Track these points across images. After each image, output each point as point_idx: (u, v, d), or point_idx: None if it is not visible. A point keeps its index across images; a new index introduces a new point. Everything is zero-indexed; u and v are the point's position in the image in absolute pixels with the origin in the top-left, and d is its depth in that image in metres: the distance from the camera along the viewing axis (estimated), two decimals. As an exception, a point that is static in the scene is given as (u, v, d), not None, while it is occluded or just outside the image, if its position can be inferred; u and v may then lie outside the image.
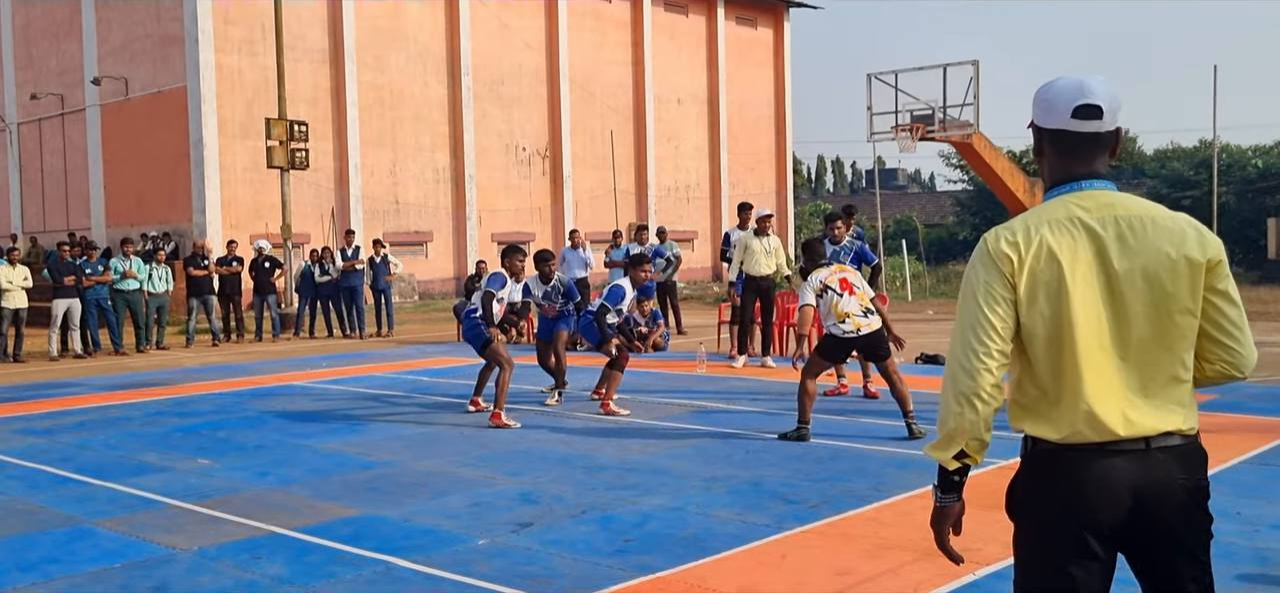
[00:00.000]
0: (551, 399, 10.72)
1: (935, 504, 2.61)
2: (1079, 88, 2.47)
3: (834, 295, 8.36)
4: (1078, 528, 2.38)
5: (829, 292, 8.40)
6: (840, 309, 8.31)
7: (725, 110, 38.79)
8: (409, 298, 29.11)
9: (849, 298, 8.33)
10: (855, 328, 8.27)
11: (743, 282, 13.52)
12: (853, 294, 8.36)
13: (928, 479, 6.90)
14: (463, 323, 10.15)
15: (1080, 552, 2.39)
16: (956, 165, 45.93)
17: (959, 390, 2.44)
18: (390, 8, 30.24)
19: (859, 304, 8.34)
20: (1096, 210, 2.43)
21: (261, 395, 11.85)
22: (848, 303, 8.30)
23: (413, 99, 30.82)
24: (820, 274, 8.54)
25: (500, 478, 7.30)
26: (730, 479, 7.08)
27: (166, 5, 27.27)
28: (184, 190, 27.09)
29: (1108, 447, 2.37)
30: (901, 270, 29.35)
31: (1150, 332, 2.39)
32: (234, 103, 27.17)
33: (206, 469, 7.80)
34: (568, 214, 33.68)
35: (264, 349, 17.94)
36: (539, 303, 10.93)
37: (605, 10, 35.58)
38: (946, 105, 19.43)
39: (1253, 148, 46.33)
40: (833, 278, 8.46)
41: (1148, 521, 2.37)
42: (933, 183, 79.97)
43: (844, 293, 8.35)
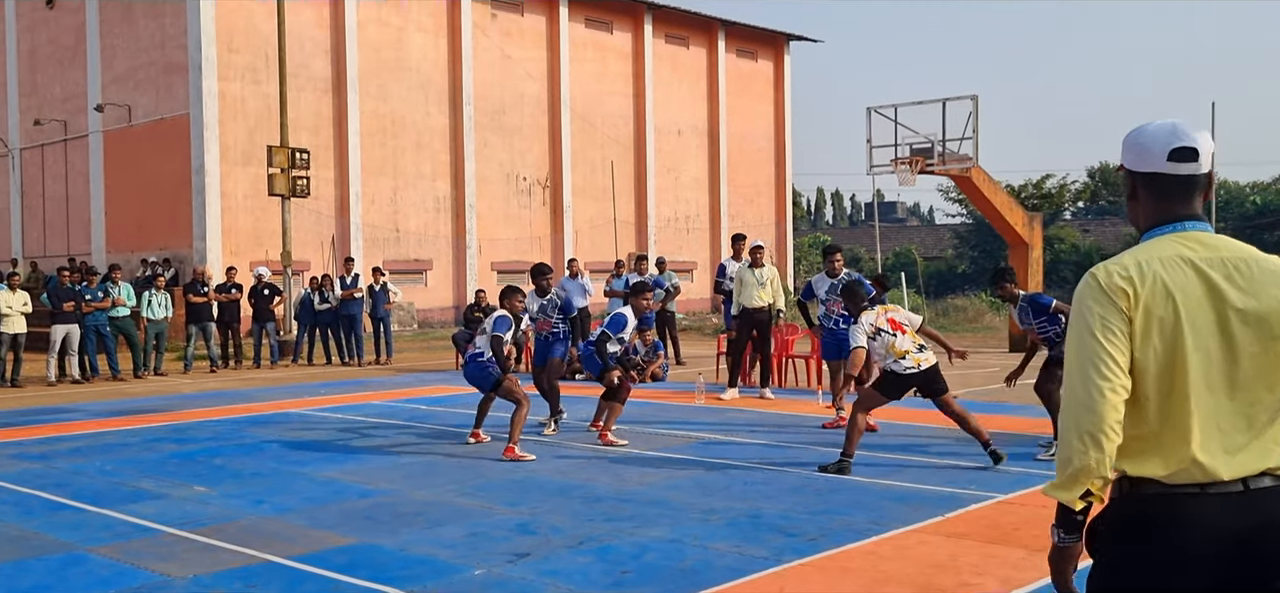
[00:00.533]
0: (549, 429, 10.68)
1: (1056, 545, 2.53)
2: (1173, 131, 2.49)
3: (887, 336, 8.46)
4: (1178, 573, 2.34)
5: (881, 334, 8.48)
6: (897, 348, 8.43)
7: (725, 142, 38.92)
8: (408, 326, 29.10)
9: (902, 337, 8.46)
10: (915, 364, 8.40)
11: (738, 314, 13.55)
12: (904, 332, 8.49)
13: (926, 513, 6.89)
14: (466, 365, 9.99)
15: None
16: (955, 199, 46.07)
17: (1083, 429, 2.37)
18: (393, 38, 30.39)
19: (913, 341, 8.48)
20: (1203, 251, 2.44)
21: (259, 423, 11.82)
22: (903, 341, 8.44)
23: (414, 128, 30.93)
24: (869, 316, 8.62)
25: (497, 508, 7.27)
26: (728, 511, 7.05)
27: (171, 34, 27.41)
28: (185, 217, 27.14)
29: (1208, 489, 2.35)
30: (901, 304, 29.35)
31: (1255, 372, 2.39)
32: (236, 130, 27.26)
33: (202, 497, 7.77)
34: (568, 243, 33.72)
35: (262, 376, 17.91)
36: (534, 318, 10.95)
37: (607, 41, 35.77)
38: (945, 139, 19.47)
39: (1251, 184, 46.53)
40: (882, 319, 8.57)
41: (1253, 563, 2.34)
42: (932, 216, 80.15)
43: (896, 333, 8.47)
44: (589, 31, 35.18)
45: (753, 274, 13.42)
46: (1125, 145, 2.56)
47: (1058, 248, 41.16)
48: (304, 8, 28.18)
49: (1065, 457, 2.41)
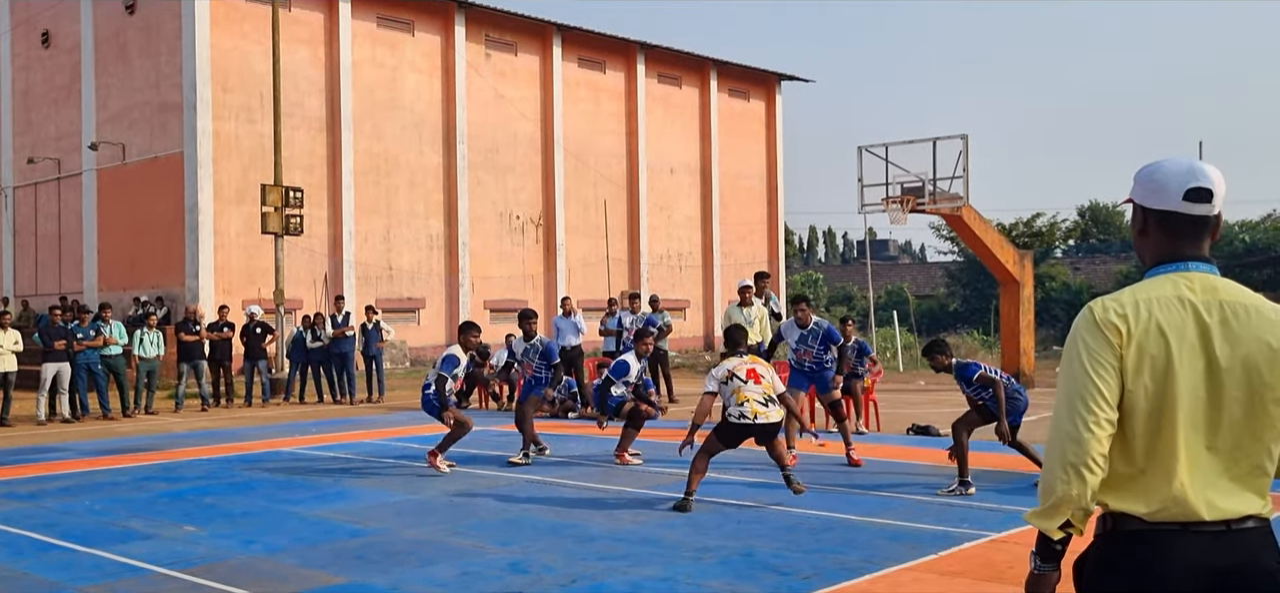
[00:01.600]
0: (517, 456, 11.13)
1: (1033, 572, 2.55)
2: (1190, 171, 2.49)
3: (738, 382, 8.46)
4: None
5: (733, 379, 8.49)
6: (742, 394, 8.43)
7: (718, 180, 39.08)
8: (401, 364, 29.04)
9: (753, 386, 8.46)
10: (753, 414, 8.37)
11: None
12: (759, 383, 8.50)
13: (920, 552, 6.88)
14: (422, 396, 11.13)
15: None
16: (947, 237, 46.21)
17: (1066, 460, 2.39)
18: (388, 77, 30.55)
19: (762, 393, 8.45)
20: (1202, 292, 2.44)
21: (250, 461, 11.77)
22: (750, 390, 8.45)
23: (408, 167, 31.02)
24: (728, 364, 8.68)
25: (490, 547, 7.24)
26: (721, 549, 7.03)
27: (166, 73, 27.52)
28: (178, 255, 27.13)
29: (1190, 528, 2.36)
30: (893, 341, 29.40)
31: (1243, 419, 2.39)
32: (230, 169, 27.32)
33: (192, 536, 7.73)
34: (560, 282, 33.75)
35: (253, 415, 17.85)
36: (519, 360, 11.45)
37: (600, 81, 35.98)
38: (936, 178, 19.59)
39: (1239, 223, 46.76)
40: (741, 368, 8.57)
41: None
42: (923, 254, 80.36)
43: (748, 381, 8.48)
44: (582, 71, 35.39)
45: (741, 313, 13.52)
46: (1138, 181, 2.55)
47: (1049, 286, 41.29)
48: (299, 47, 28.33)
49: (1048, 486, 2.43)
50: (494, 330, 27.48)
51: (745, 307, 13.56)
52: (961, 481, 9.02)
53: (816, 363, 11.34)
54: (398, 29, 30.95)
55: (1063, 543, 2.48)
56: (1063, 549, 2.50)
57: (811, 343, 11.32)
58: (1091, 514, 2.45)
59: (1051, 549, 2.50)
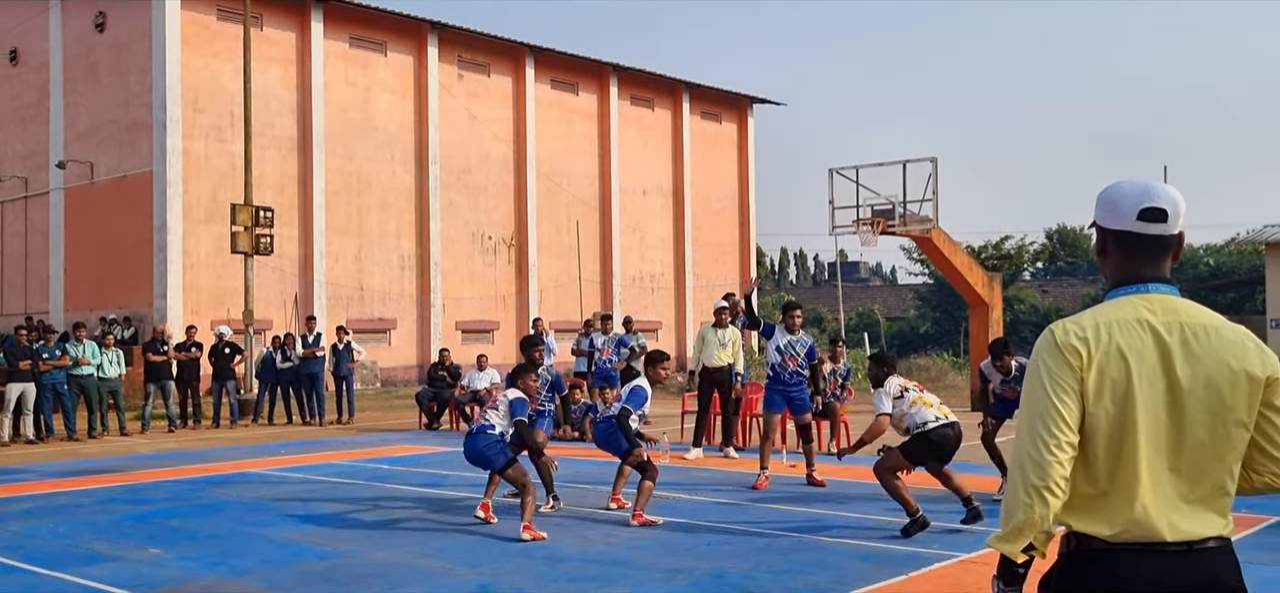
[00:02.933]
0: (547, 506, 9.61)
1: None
2: (1145, 191, 2.51)
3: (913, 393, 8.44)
4: None
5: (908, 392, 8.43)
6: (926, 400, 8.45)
7: (690, 202, 39.19)
8: (371, 385, 28.86)
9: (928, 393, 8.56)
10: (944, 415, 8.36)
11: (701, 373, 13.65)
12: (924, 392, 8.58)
13: (891, 573, 6.90)
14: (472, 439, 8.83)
15: None
16: (917, 259, 46.57)
17: (1028, 483, 2.40)
18: (360, 97, 30.48)
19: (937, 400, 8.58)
20: (1162, 314, 2.45)
21: (217, 483, 11.66)
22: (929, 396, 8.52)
23: (380, 187, 30.92)
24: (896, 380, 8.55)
25: (459, 569, 7.19)
26: (692, 571, 7.02)
27: (135, 92, 27.32)
28: (145, 274, 26.88)
29: (1153, 548, 2.37)
30: (863, 363, 29.53)
31: (1205, 440, 2.40)
32: (200, 188, 27.12)
33: (157, 559, 7.64)
34: (532, 303, 33.70)
35: (221, 436, 17.68)
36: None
37: (573, 102, 36.05)
38: (907, 200, 19.75)
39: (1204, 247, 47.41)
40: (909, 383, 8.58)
41: None
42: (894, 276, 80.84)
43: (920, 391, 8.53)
44: (555, 93, 35.45)
45: (714, 334, 13.56)
46: (1098, 202, 2.58)
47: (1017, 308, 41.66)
48: (270, 67, 28.22)
49: (1010, 509, 2.44)
50: (465, 351, 27.38)
51: (720, 328, 13.60)
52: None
53: (798, 372, 11.29)
54: (370, 49, 30.90)
55: (1025, 566, 2.50)
56: (1025, 572, 2.51)
57: (798, 350, 11.28)
58: (1054, 537, 2.46)
59: (1014, 573, 2.52)
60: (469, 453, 8.70)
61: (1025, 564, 2.50)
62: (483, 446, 8.62)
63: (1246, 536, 7.84)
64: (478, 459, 8.67)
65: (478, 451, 8.63)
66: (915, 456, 8.35)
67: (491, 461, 8.57)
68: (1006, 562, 2.51)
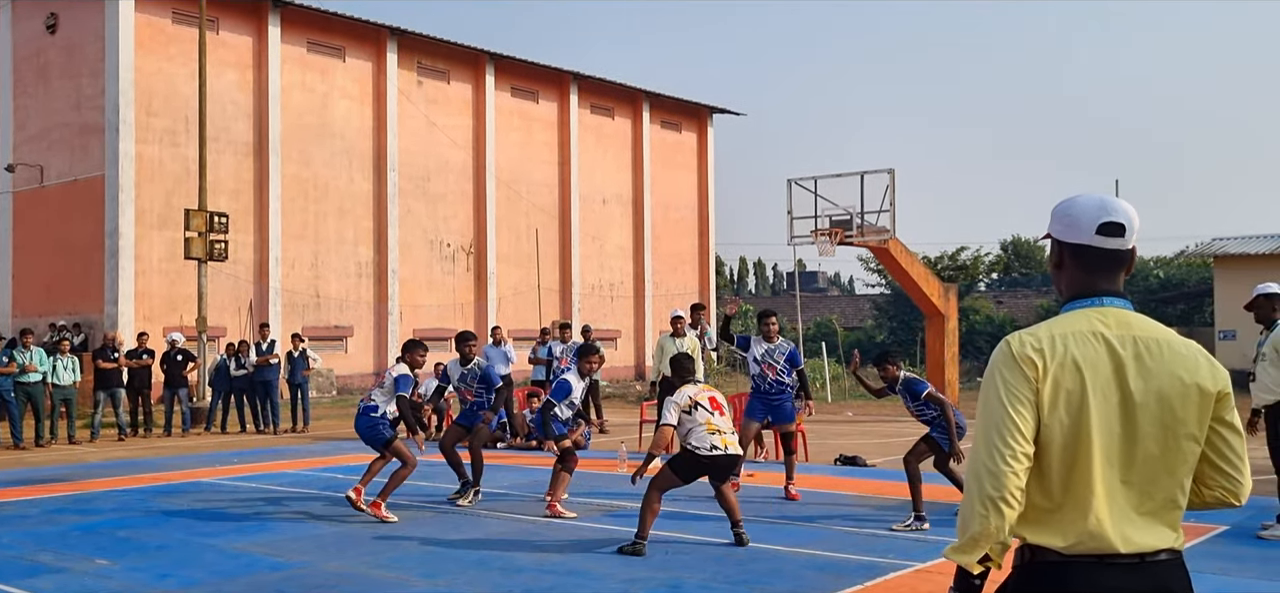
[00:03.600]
0: (464, 500, 10.46)
1: None
2: (1102, 206, 2.53)
3: (704, 411, 8.02)
4: None
5: (698, 408, 8.03)
6: (712, 424, 7.98)
7: (649, 211, 39.25)
8: (327, 393, 28.58)
9: (719, 416, 8.03)
10: (724, 445, 7.95)
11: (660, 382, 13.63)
12: (723, 414, 8.09)
13: (846, 582, 6.92)
14: (359, 418, 9.83)
15: None
16: (874, 270, 46.90)
17: (985, 494, 2.40)
18: (318, 103, 30.21)
19: (729, 424, 8.12)
20: (1116, 327, 2.47)
21: (167, 493, 11.47)
22: (719, 421, 8.00)
23: (337, 193, 30.66)
24: (689, 390, 8.18)
25: (414, 579, 7.12)
26: (649, 581, 7.00)
27: (88, 95, 26.89)
28: (97, 280, 26.44)
29: (1106, 560, 2.39)
30: (821, 372, 29.70)
31: (1157, 453, 2.42)
32: (153, 193, 26.74)
33: (104, 570, 7.49)
34: (491, 310, 33.55)
35: (173, 444, 17.41)
36: (455, 386, 10.79)
37: (532, 110, 35.99)
38: (864, 211, 19.90)
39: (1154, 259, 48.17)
40: (702, 395, 8.13)
41: None
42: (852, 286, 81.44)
43: (713, 410, 8.05)
44: (515, 100, 35.37)
45: (672, 343, 13.60)
46: (1054, 215, 2.60)
47: (972, 319, 42.07)
48: (226, 71, 27.90)
49: (966, 520, 2.44)
50: (423, 359, 27.18)
51: (678, 336, 13.65)
52: (916, 515, 8.79)
53: (778, 382, 11.12)
54: (328, 54, 30.65)
55: (981, 577, 2.51)
56: (981, 583, 2.52)
57: (777, 358, 11.12)
58: (1009, 548, 2.48)
59: (970, 583, 2.52)
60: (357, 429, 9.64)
61: (981, 575, 2.50)
62: (364, 425, 9.50)
63: (1195, 545, 7.95)
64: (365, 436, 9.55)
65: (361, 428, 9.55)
66: (686, 473, 8.12)
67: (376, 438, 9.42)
68: (962, 573, 2.51)
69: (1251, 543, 8.27)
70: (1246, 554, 7.85)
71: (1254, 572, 7.28)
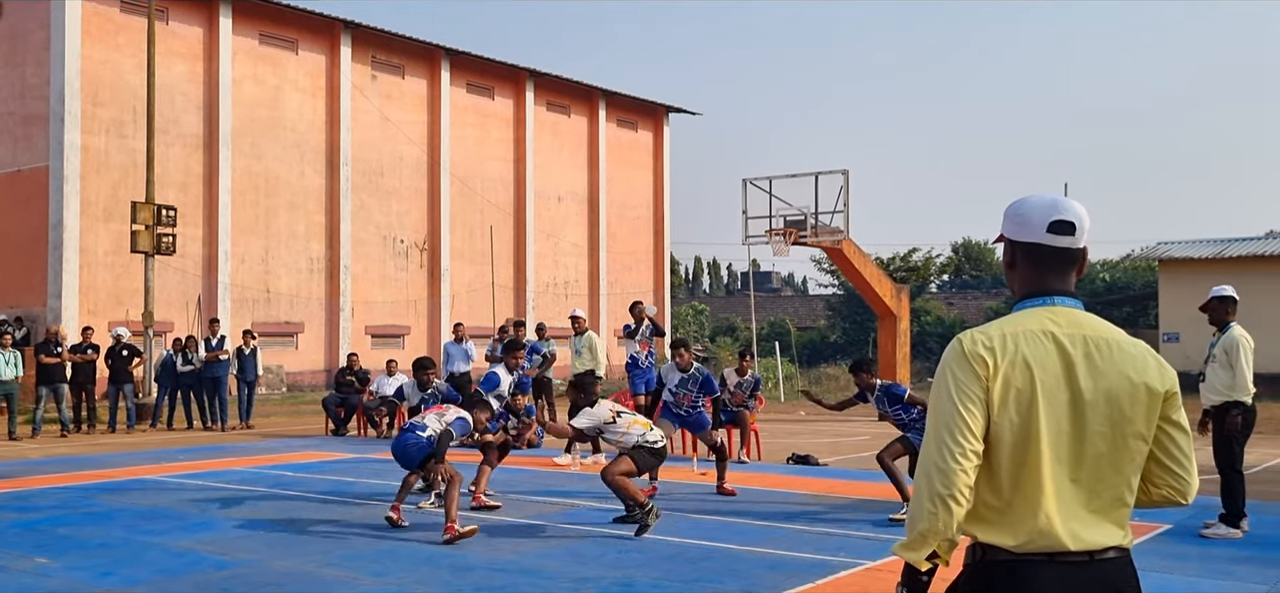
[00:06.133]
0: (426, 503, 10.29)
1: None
2: (1053, 204, 2.55)
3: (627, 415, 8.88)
4: None
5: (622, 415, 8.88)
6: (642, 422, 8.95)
7: (605, 209, 39.22)
8: (277, 390, 28.23)
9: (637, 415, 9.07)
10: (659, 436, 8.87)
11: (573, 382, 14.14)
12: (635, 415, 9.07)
13: (798, 580, 6.94)
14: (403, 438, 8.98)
15: None
16: (828, 270, 47.25)
17: (934, 491, 2.40)
18: (269, 96, 29.84)
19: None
20: (1067, 326, 2.48)
21: (110, 490, 11.24)
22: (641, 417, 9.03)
23: (288, 187, 30.30)
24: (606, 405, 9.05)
25: (363, 579, 7.04)
26: (600, 580, 6.97)
27: (32, 84, 26.34)
28: (40, 273, 25.92)
29: (1056, 558, 2.39)
30: (775, 372, 29.83)
31: (1105, 452, 2.43)
32: (99, 185, 26.26)
33: (43, 569, 7.32)
34: (445, 308, 33.35)
35: (117, 441, 17.09)
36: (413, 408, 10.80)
37: (488, 107, 35.80)
38: (818, 211, 20.00)
39: (1100, 262, 48.95)
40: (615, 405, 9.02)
41: None
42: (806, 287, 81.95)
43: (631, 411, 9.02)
44: (470, 97, 35.18)
45: (571, 342, 13.85)
46: (1007, 215, 2.61)
47: (924, 320, 42.50)
48: (176, 62, 27.47)
49: (915, 517, 2.45)
50: (374, 356, 26.94)
51: (578, 335, 14.04)
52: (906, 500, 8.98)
53: (693, 406, 11.23)
54: (281, 47, 30.28)
55: (929, 574, 2.51)
56: (929, 580, 2.53)
57: (690, 387, 11.15)
58: (958, 545, 2.48)
59: (918, 580, 2.53)
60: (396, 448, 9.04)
61: (929, 572, 2.51)
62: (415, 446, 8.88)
63: (1140, 543, 8.07)
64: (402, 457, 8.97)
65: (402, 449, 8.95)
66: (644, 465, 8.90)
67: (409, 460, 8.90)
68: (910, 569, 2.52)
69: (1194, 541, 8.41)
70: (1188, 553, 7.98)
71: (1195, 570, 7.40)
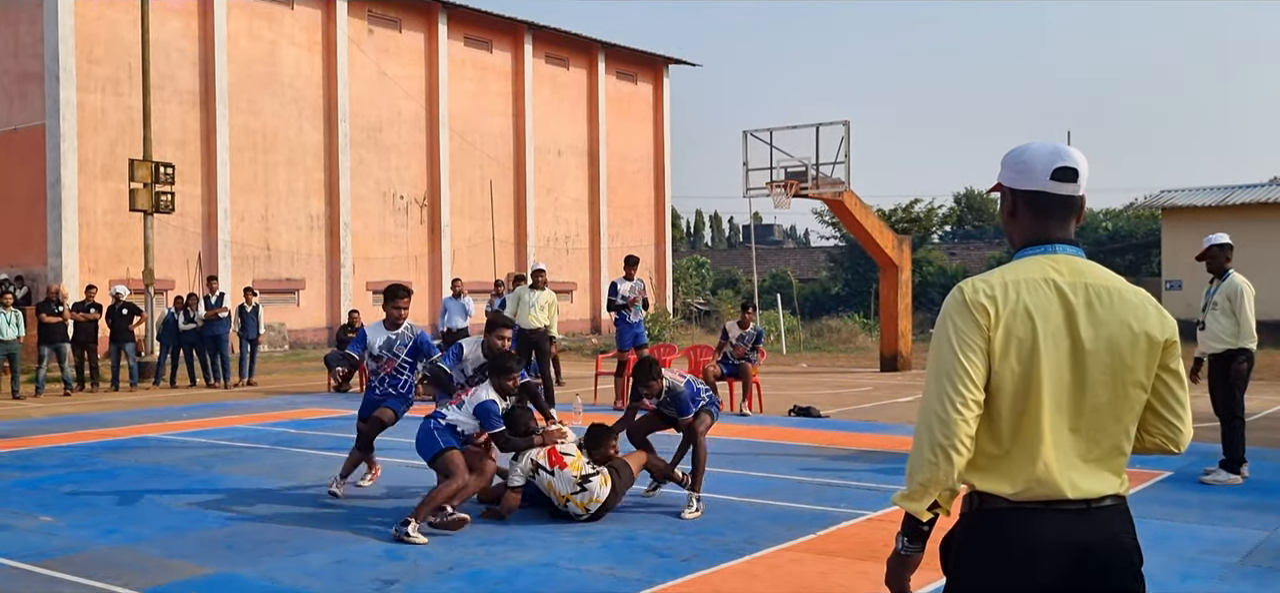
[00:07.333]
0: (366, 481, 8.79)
1: (898, 552, 2.56)
2: (1056, 152, 2.51)
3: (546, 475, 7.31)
4: (1025, 585, 2.39)
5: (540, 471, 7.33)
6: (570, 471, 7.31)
7: (605, 163, 39.05)
8: (279, 347, 28.28)
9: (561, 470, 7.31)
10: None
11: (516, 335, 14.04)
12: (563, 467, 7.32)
13: (799, 532, 6.96)
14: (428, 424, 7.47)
15: None
16: (829, 222, 47.10)
17: (934, 441, 2.39)
18: (265, 51, 29.61)
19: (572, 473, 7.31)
20: (1069, 275, 2.46)
21: (114, 448, 11.29)
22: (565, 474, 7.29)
23: (287, 144, 30.16)
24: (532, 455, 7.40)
25: (366, 534, 7.07)
26: (603, 533, 7.00)
27: (26, 41, 26.14)
28: (39, 232, 25.86)
29: (1053, 506, 2.39)
30: (776, 325, 29.83)
31: (1105, 400, 2.42)
32: (96, 143, 26.14)
33: (48, 527, 7.35)
34: (445, 263, 33.31)
35: (120, 399, 17.13)
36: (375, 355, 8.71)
37: (486, 60, 35.55)
38: (819, 163, 19.86)
39: (1103, 211, 48.77)
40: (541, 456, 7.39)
41: (1093, 576, 2.40)
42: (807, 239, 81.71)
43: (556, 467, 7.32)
44: (468, 50, 34.92)
45: (530, 296, 13.79)
46: (1006, 164, 2.58)
47: (926, 271, 42.43)
48: (170, 17, 27.23)
49: (915, 467, 2.44)
50: (377, 313, 26.95)
51: (536, 290, 14.08)
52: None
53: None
54: (276, 1, 30.01)
55: (929, 524, 2.51)
56: (929, 530, 2.53)
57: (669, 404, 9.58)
58: (957, 495, 2.48)
59: (918, 530, 2.53)
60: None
61: (929, 522, 2.51)
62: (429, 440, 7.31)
63: (1139, 491, 8.10)
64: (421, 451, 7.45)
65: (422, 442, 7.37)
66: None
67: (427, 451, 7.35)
68: (910, 518, 2.52)
69: (1194, 488, 8.43)
70: (1189, 499, 8.01)
71: (1196, 517, 7.42)
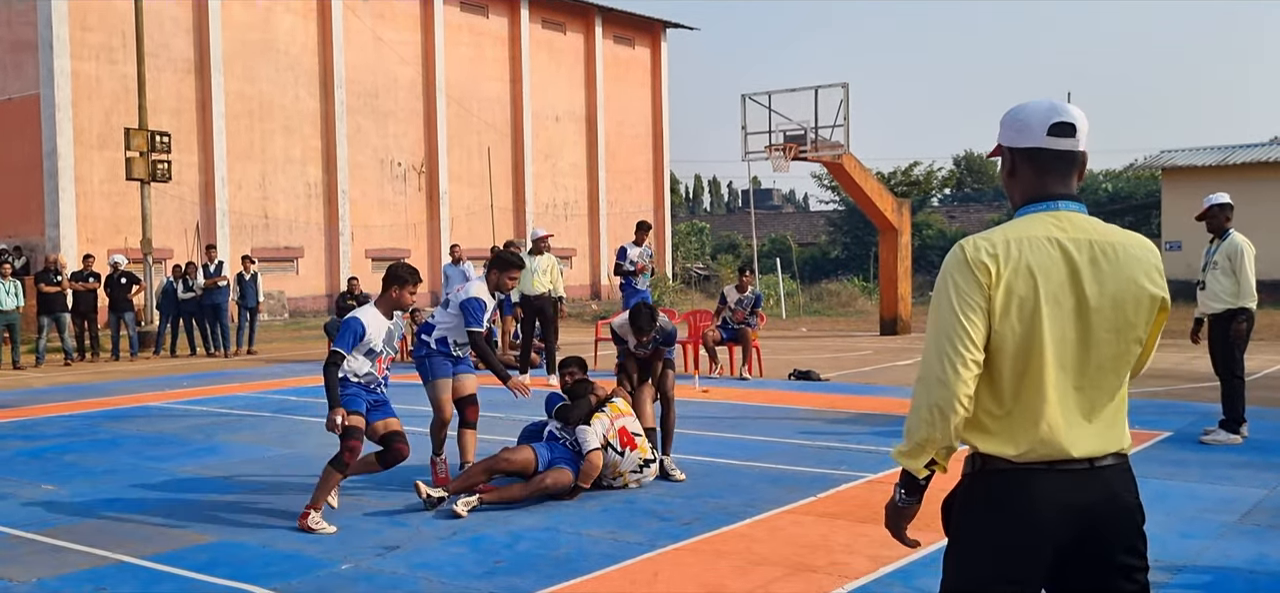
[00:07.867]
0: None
1: (896, 503, 2.58)
2: (1053, 108, 2.50)
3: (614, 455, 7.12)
4: (1028, 545, 2.39)
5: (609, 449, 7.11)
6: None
7: (603, 128, 38.91)
8: (279, 316, 28.28)
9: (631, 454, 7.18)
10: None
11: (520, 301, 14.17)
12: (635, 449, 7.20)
13: (799, 495, 6.98)
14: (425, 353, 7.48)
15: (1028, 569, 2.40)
16: (828, 186, 47.01)
17: (933, 400, 2.39)
18: (260, 18, 29.43)
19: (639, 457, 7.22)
20: (1073, 231, 2.43)
21: (115, 417, 11.30)
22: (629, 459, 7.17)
23: (283, 111, 30.03)
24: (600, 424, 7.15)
25: (367, 499, 7.08)
26: (603, 498, 7.01)
27: (19, 10, 25.98)
28: (36, 202, 25.80)
29: (1057, 466, 2.38)
30: (776, 289, 29.82)
31: (1108, 356, 2.41)
32: (92, 112, 26.03)
33: (51, 496, 7.37)
34: (444, 230, 33.27)
35: (120, 369, 17.15)
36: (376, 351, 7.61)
37: (482, 25, 35.35)
38: (818, 126, 19.77)
39: (1104, 172, 48.67)
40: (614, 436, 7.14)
41: (1096, 535, 2.39)
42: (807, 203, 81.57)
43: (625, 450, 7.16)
44: (464, 15, 34.71)
45: (531, 261, 13.86)
46: (1004, 123, 2.55)
47: (925, 234, 42.38)
48: (164, -15, 27.06)
49: (913, 426, 2.44)
50: (375, 281, 26.93)
51: (536, 255, 14.12)
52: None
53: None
54: (270, -33, 29.80)
55: (927, 479, 2.52)
56: (926, 484, 2.54)
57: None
58: (955, 452, 2.47)
59: (915, 484, 2.54)
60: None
61: (926, 478, 2.52)
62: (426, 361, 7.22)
63: (1140, 450, 8.11)
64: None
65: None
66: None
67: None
68: (908, 475, 2.53)
69: (1194, 448, 8.45)
70: (1188, 459, 8.02)
71: (1196, 476, 7.44)
